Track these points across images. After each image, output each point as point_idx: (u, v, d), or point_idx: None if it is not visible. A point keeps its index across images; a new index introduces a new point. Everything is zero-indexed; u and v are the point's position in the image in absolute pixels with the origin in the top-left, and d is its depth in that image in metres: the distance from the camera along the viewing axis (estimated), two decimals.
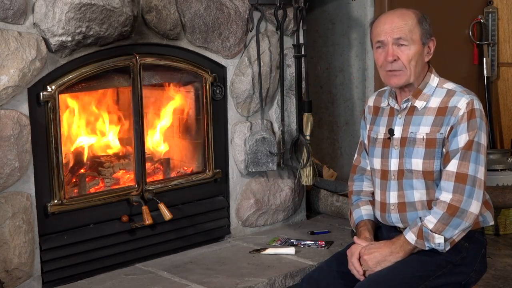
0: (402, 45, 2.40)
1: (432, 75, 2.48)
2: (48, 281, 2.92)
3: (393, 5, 3.88)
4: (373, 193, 2.64)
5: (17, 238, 2.79)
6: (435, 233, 2.33)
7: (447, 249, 2.36)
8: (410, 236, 2.37)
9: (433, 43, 2.47)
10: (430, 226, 2.33)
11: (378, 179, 2.54)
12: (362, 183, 2.70)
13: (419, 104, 2.45)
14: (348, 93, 4.21)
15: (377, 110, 2.61)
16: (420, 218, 2.39)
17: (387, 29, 2.41)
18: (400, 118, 2.49)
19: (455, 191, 2.32)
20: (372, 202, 2.63)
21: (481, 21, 4.62)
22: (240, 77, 3.44)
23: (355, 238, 2.53)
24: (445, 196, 2.33)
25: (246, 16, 3.40)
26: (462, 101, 2.37)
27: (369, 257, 2.39)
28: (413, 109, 2.46)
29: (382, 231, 2.60)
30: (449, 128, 2.37)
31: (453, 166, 2.34)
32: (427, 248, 2.36)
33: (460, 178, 2.32)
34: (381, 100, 2.61)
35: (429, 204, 2.41)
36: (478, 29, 4.66)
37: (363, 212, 2.61)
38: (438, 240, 2.33)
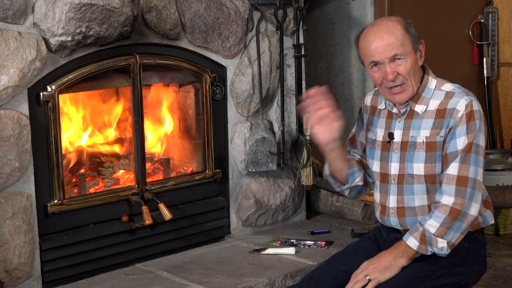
0: (398, 59, 2.35)
1: (430, 77, 2.45)
2: (48, 281, 2.92)
3: (393, 5, 3.88)
4: (358, 161, 2.63)
5: (17, 238, 2.79)
6: (438, 237, 2.30)
7: (447, 253, 2.33)
8: (412, 242, 2.33)
9: (422, 45, 2.42)
10: (433, 230, 2.30)
11: (378, 181, 2.53)
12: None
13: (419, 108, 2.41)
14: (348, 93, 4.20)
15: (374, 110, 2.59)
16: (420, 223, 2.35)
17: (379, 49, 2.34)
18: (399, 122, 2.46)
19: (457, 194, 2.30)
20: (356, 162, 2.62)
21: (481, 21, 4.62)
22: (240, 77, 3.43)
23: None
24: (447, 199, 2.31)
25: (246, 16, 3.40)
26: (461, 102, 2.35)
27: (375, 265, 2.35)
28: (412, 113, 2.43)
29: (381, 232, 2.59)
30: (448, 130, 2.36)
31: (454, 169, 2.32)
32: (429, 253, 2.33)
33: (461, 181, 2.30)
34: (378, 100, 2.58)
35: (430, 208, 2.38)
36: (478, 29, 4.66)
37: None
38: (441, 244, 2.30)
